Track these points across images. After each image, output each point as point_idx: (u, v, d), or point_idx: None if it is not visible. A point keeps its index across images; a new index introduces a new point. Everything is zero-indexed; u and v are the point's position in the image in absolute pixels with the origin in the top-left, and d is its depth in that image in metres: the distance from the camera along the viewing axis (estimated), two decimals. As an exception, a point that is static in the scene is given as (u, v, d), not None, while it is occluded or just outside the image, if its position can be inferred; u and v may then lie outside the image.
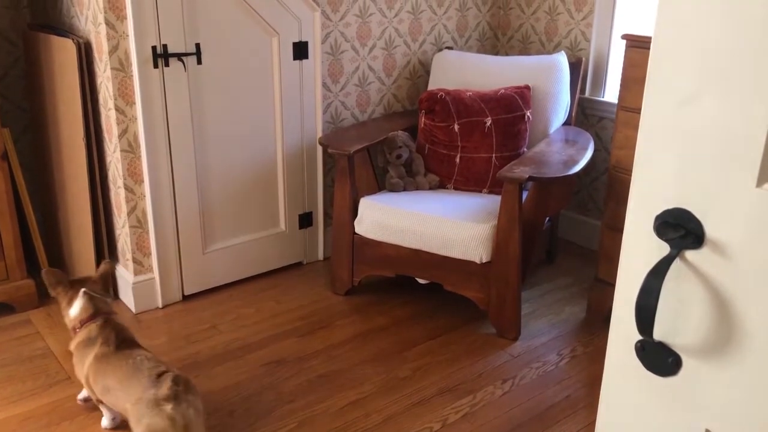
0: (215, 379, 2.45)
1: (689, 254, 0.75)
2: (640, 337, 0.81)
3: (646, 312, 0.76)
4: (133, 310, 2.89)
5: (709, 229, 0.73)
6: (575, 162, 2.71)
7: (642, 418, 0.84)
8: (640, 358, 0.82)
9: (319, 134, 3.17)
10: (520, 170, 2.57)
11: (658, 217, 0.77)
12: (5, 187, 2.71)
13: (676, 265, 0.76)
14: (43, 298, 2.94)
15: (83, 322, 2.10)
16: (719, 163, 0.71)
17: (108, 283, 2.23)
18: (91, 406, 2.28)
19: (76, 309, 2.12)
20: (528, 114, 3.03)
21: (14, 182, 2.81)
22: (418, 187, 3.05)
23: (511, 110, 3.01)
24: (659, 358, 0.80)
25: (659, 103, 0.76)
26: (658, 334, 0.79)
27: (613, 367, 0.87)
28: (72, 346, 2.12)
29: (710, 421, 0.77)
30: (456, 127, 3.04)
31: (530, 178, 2.53)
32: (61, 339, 2.68)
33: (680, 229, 0.75)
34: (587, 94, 3.42)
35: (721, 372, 0.75)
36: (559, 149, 2.92)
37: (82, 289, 2.13)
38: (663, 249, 0.77)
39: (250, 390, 2.40)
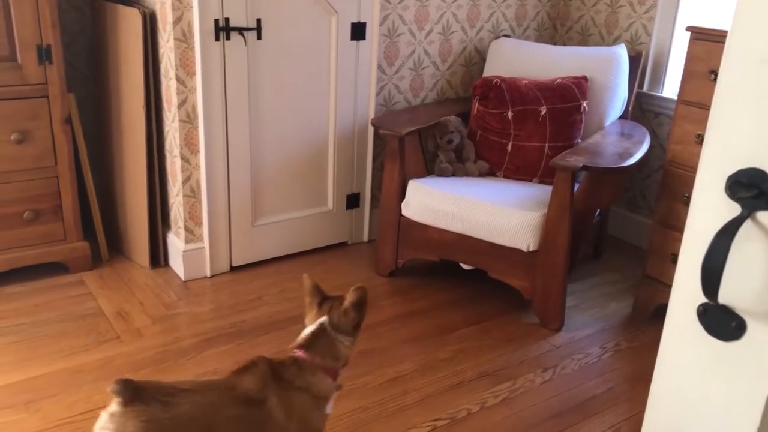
0: (259, 348, 2.50)
1: (761, 215, 0.74)
2: (702, 301, 0.80)
3: (712, 274, 0.75)
4: (182, 277, 2.95)
5: (784, 191, 0.72)
6: (630, 155, 2.67)
7: (701, 383, 0.83)
8: (702, 321, 0.81)
9: (371, 116, 3.19)
10: (573, 159, 2.55)
11: (730, 177, 0.76)
12: (67, 151, 2.80)
13: (747, 226, 0.75)
14: (96, 260, 3.04)
15: (294, 348, 1.70)
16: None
17: (361, 314, 1.71)
18: (138, 365, 2.35)
19: (303, 332, 1.72)
20: (584, 105, 2.99)
21: (76, 147, 2.90)
22: (467, 174, 3.04)
23: (567, 100, 2.97)
24: (722, 322, 0.79)
25: (740, 61, 0.75)
26: (722, 298, 0.78)
27: (672, 331, 0.86)
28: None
29: (772, 388, 0.76)
30: (509, 114, 3.02)
31: (584, 168, 2.50)
32: (113, 300, 2.76)
33: (753, 189, 0.73)
34: (645, 88, 3.36)
35: (787, 338, 0.74)
36: (615, 141, 2.88)
37: (322, 319, 1.69)
38: (733, 210, 0.76)
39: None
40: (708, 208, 0.79)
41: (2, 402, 2.13)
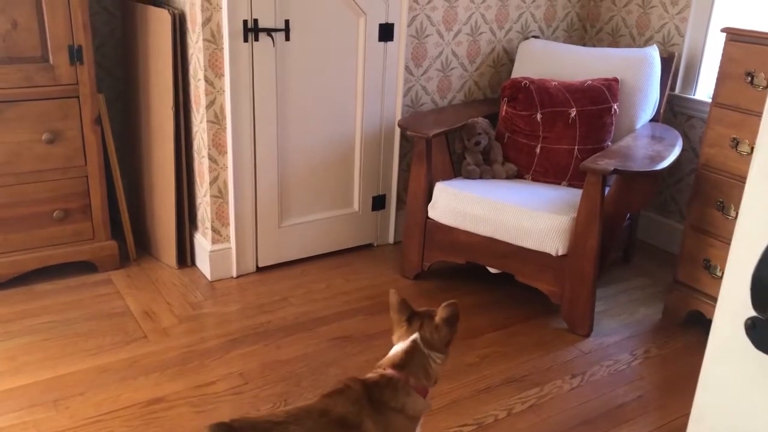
0: (284, 349, 2.49)
1: (816, 226, 0.71)
2: (751, 314, 0.77)
3: (763, 285, 0.72)
4: (209, 277, 2.96)
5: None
6: (662, 158, 2.62)
7: (747, 399, 0.80)
8: (750, 336, 0.78)
9: (398, 117, 3.17)
10: (604, 162, 2.50)
11: (783, 186, 0.73)
12: (97, 151, 2.82)
13: (800, 237, 0.72)
14: (124, 260, 3.06)
15: (386, 367, 1.64)
16: None
17: (453, 330, 1.66)
18: (165, 364, 2.36)
19: (394, 350, 1.67)
20: (615, 107, 2.94)
21: (105, 147, 2.93)
22: (494, 176, 3.01)
23: (598, 102, 2.93)
24: (772, 337, 0.76)
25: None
26: (772, 311, 0.76)
27: (717, 344, 0.83)
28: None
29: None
30: (539, 116, 2.98)
31: (615, 171, 2.46)
32: (140, 300, 2.78)
33: (808, 199, 0.70)
34: (677, 91, 3.30)
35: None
36: (646, 144, 2.83)
37: (414, 336, 1.65)
38: (786, 220, 0.73)
39: (318, 362, 2.43)
40: (759, 216, 0.76)
41: (32, 399, 2.15)
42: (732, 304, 0.80)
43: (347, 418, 1.50)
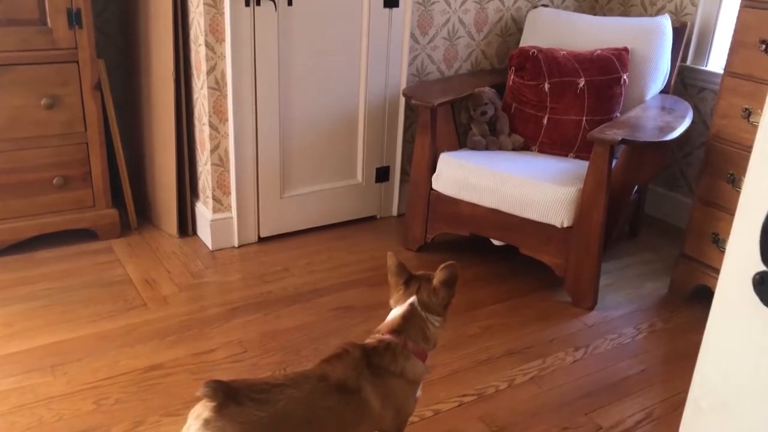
0: (284, 319, 2.47)
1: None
2: (759, 269, 0.73)
3: (773, 237, 0.68)
4: (210, 247, 2.94)
5: None
6: (672, 129, 2.56)
7: (754, 358, 0.76)
8: (758, 291, 0.74)
9: (403, 86, 3.11)
10: (612, 132, 2.45)
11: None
12: (97, 116, 2.78)
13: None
14: (125, 228, 3.03)
15: (385, 332, 1.61)
16: None
17: (451, 292, 1.62)
18: (163, 332, 2.34)
19: (392, 314, 1.65)
20: (624, 77, 2.88)
21: (106, 114, 2.89)
22: (500, 147, 2.96)
23: (607, 72, 2.86)
24: (781, 292, 0.72)
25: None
26: (782, 265, 0.71)
27: (722, 302, 0.79)
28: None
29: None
30: (546, 86, 2.92)
31: (623, 141, 2.40)
32: (140, 268, 2.76)
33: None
34: (689, 62, 3.23)
35: None
36: (655, 116, 2.76)
37: (412, 299, 1.62)
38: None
39: (318, 332, 2.40)
40: (770, 166, 0.72)
41: (28, 365, 2.13)
42: (739, 259, 0.76)
43: (346, 383, 1.49)
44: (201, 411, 1.37)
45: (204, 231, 2.98)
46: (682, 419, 0.86)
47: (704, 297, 2.66)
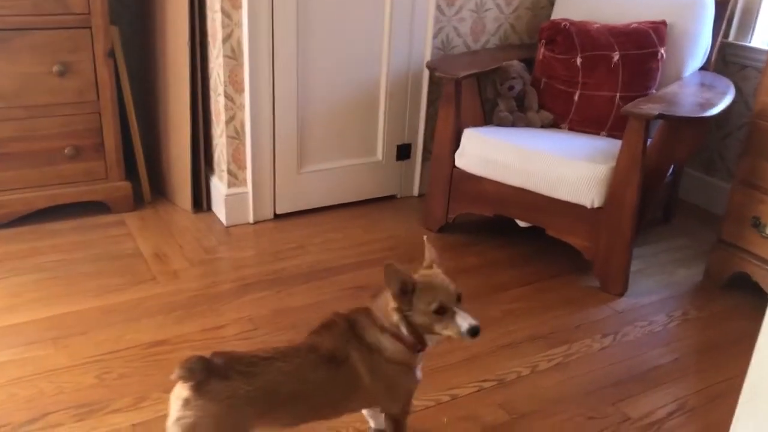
0: (297, 296, 2.37)
1: None
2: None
3: None
4: (225, 222, 2.84)
5: None
6: (712, 105, 2.40)
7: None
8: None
9: (428, 60, 2.98)
10: (648, 107, 2.30)
11: None
12: (110, 85, 2.70)
13: None
14: (138, 202, 2.96)
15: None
16: None
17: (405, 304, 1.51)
18: (171, 307, 2.26)
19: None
20: (662, 52, 2.71)
21: (119, 83, 2.80)
22: (528, 124, 2.82)
23: (643, 46, 2.70)
24: None
25: None
26: None
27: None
28: None
29: None
30: (578, 60, 2.77)
31: (660, 116, 2.25)
32: (152, 242, 2.68)
33: None
34: (731, 38, 3.05)
35: None
36: (694, 92, 2.60)
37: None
38: None
39: (330, 310, 2.27)
40: None
41: (30, 337, 2.06)
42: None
43: (335, 354, 1.45)
44: (180, 391, 1.32)
45: (219, 206, 2.89)
46: (739, 403, 0.74)
47: (742, 285, 2.51)
